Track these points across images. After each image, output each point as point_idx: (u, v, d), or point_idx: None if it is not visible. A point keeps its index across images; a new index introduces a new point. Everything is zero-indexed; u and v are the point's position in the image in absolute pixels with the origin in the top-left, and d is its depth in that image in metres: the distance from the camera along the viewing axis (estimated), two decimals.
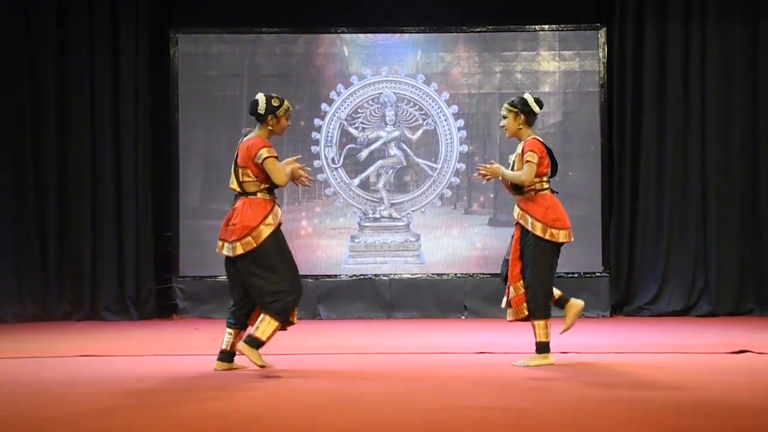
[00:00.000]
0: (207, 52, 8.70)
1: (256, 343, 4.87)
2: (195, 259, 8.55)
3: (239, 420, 3.73)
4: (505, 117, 5.34)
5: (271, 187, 5.07)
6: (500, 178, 5.33)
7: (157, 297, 8.50)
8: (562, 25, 8.65)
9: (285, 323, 4.96)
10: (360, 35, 8.73)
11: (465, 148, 8.65)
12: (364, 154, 8.64)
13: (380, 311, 8.43)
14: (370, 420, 3.74)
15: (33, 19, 8.29)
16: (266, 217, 4.96)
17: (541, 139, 5.37)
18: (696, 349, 5.96)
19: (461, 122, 8.65)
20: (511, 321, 5.30)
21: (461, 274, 8.57)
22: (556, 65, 8.66)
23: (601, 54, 8.59)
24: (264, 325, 4.86)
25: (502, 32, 8.71)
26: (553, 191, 5.33)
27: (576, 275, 8.47)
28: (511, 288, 5.25)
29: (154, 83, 8.54)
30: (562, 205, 5.34)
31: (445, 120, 8.68)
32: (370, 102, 8.72)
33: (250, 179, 5.01)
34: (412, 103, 8.72)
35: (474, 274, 8.53)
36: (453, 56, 8.74)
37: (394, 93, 8.71)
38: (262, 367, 4.90)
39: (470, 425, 3.61)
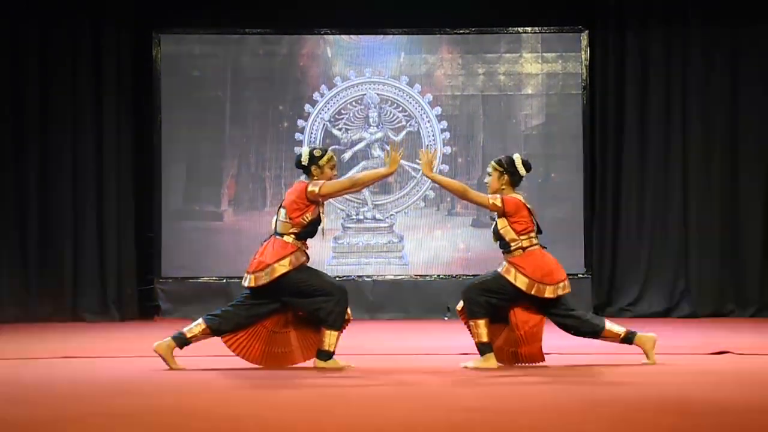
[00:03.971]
0: (190, 52, 8.68)
1: (327, 356, 5.14)
2: (177, 260, 8.53)
3: (221, 421, 3.72)
4: (489, 174, 5.28)
5: (302, 235, 5.18)
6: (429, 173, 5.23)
7: (139, 298, 8.46)
8: (545, 28, 8.69)
9: (342, 327, 5.20)
10: (343, 36, 8.73)
11: (448, 149, 8.67)
12: (347, 155, 8.64)
13: (363, 312, 8.42)
14: (353, 421, 3.74)
15: (14, 19, 8.24)
16: (284, 258, 5.12)
17: (523, 199, 5.25)
18: (677, 350, 5.99)
19: (444, 124, 8.67)
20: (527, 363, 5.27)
21: (444, 275, 8.58)
22: (539, 67, 8.69)
23: (583, 56, 8.64)
24: (327, 338, 5.14)
25: (485, 34, 8.74)
26: (542, 246, 5.24)
27: None
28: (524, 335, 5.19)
29: (137, 84, 8.51)
30: (554, 259, 5.24)
31: (429, 122, 8.70)
32: (353, 103, 8.72)
33: (284, 220, 5.18)
34: (395, 105, 8.73)
35: (457, 275, 8.55)
36: (436, 58, 8.75)
37: (378, 94, 8.72)
38: (347, 367, 5.16)
39: (453, 426, 3.62)
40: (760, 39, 8.46)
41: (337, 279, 8.58)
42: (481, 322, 5.15)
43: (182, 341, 5.15)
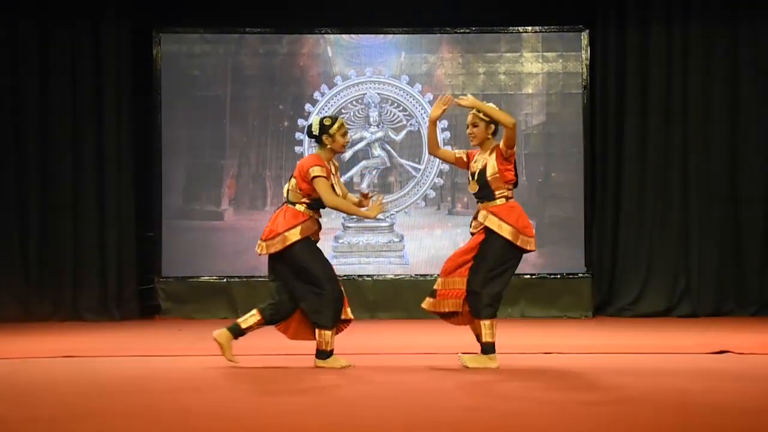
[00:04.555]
0: (190, 51, 8.68)
1: (324, 355, 5.15)
2: (177, 259, 8.53)
3: (220, 421, 3.73)
4: (475, 125, 5.26)
5: (314, 204, 5.19)
6: (474, 109, 5.18)
7: (139, 297, 8.46)
8: (545, 27, 8.68)
9: (335, 327, 5.16)
10: (344, 36, 8.73)
11: (449, 149, 8.64)
12: (347, 154, 8.64)
13: (364, 312, 8.42)
14: (353, 420, 3.74)
15: (14, 19, 8.24)
16: (294, 227, 5.12)
17: None
18: (677, 349, 6.00)
19: (445, 123, 8.67)
20: (426, 309, 5.29)
21: None
22: (540, 67, 8.69)
23: (584, 56, 8.63)
24: (321, 337, 5.14)
25: (486, 33, 8.74)
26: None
27: (559, 276, 8.50)
28: (444, 280, 5.19)
29: (137, 83, 8.51)
30: None
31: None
32: (353, 103, 8.72)
33: (294, 190, 5.20)
34: (395, 104, 8.73)
35: None
36: (437, 57, 8.76)
37: (378, 94, 8.72)
38: (347, 366, 5.14)
39: (453, 426, 3.62)
40: (761, 38, 8.46)
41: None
42: (488, 323, 5.14)
43: (237, 332, 5.16)
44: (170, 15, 8.62)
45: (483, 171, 5.20)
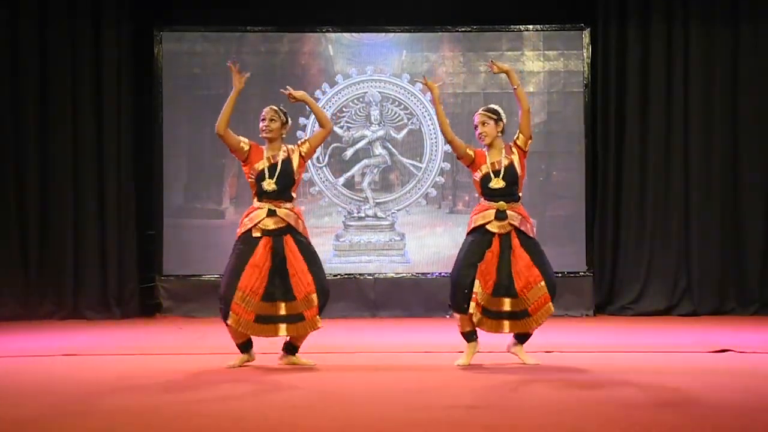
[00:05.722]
0: (191, 50, 8.67)
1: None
2: (179, 258, 8.53)
3: (222, 419, 3.73)
4: (485, 123, 5.32)
5: (260, 193, 5.26)
6: (509, 75, 5.40)
7: (140, 296, 8.46)
8: (547, 26, 8.67)
9: (226, 323, 5.13)
10: (345, 34, 8.72)
11: (449, 147, 8.64)
12: (349, 153, 8.63)
13: (365, 310, 8.42)
14: (354, 419, 3.75)
15: (14, 17, 8.23)
16: (241, 222, 5.26)
17: None
18: (678, 348, 6.00)
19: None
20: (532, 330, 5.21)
21: (446, 273, 8.56)
22: (541, 65, 8.69)
23: (585, 54, 8.62)
24: None
25: (487, 32, 8.73)
26: None
27: (560, 274, 8.46)
28: (527, 296, 5.14)
29: (138, 81, 8.50)
30: None
31: (430, 120, 8.69)
32: (355, 101, 8.72)
33: None
34: (397, 103, 8.72)
35: None
36: (438, 56, 8.75)
37: (379, 92, 8.71)
38: (231, 365, 5.17)
39: (453, 424, 3.62)
40: (761, 36, 8.45)
41: (339, 277, 8.61)
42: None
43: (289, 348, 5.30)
44: (171, 13, 8.62)
45: (511, 168, 5.24)
